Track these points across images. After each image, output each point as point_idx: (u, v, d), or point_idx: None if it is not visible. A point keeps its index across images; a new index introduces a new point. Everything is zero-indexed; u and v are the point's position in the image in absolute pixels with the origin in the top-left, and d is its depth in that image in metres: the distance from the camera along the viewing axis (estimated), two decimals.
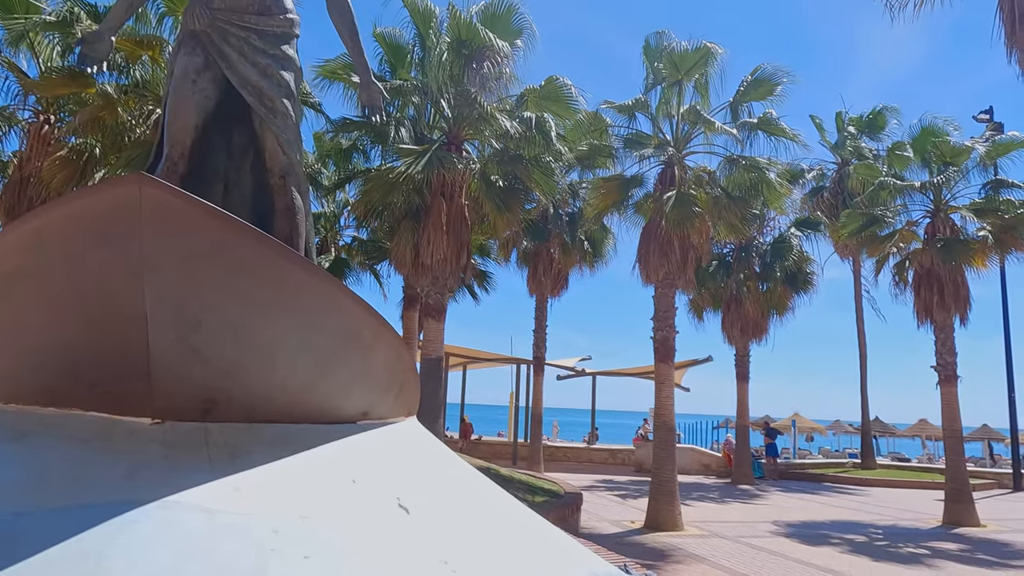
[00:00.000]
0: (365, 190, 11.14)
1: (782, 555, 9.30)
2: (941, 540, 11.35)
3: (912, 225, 14.95)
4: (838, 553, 9.65)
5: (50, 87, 9.19)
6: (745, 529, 11.41)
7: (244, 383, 3.75)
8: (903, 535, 11.68)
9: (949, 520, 13.15)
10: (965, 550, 10.51)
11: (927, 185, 14.18)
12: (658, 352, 11.58)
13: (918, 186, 14.26)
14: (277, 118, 4.39)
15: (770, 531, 11.35)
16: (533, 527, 4.59)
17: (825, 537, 10.95)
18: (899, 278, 15.06)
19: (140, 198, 2.95)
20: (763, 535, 10.89)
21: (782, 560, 9.01)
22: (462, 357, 26.51)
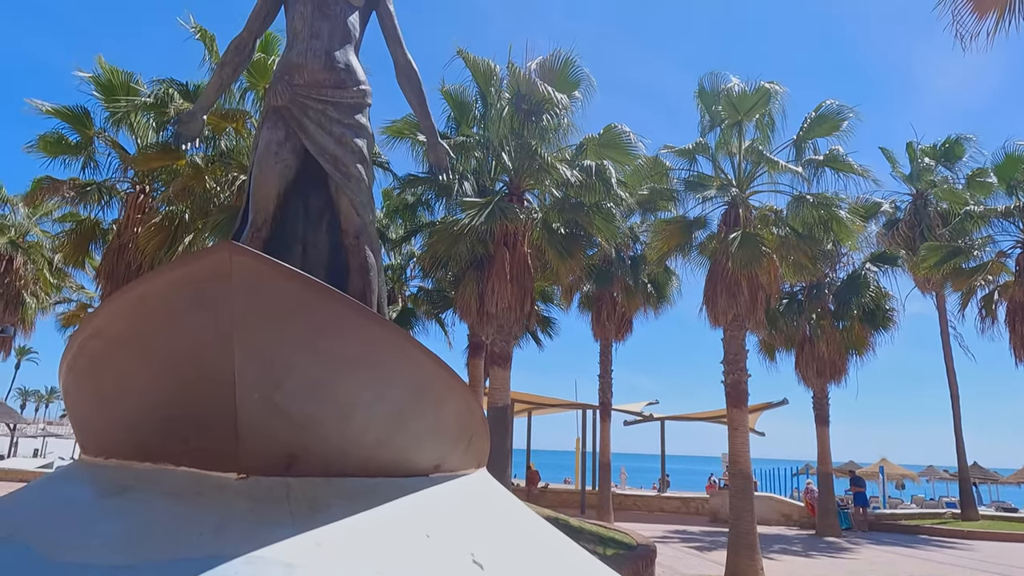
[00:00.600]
0: (431, 242, 11.49)
1: None
2: None
3: (1002, 256, 14.09)
4: None
5: (146, 161, 10.08)
6: None
7: (322, 437, 3.88)
8: None
9: None
10: None
11: (1012, 210, 13.40)
12: (730, 397, 11.23)
13: (1001, 211, 13.48)
14: (351, 182, 4.64)
15: None
16: None
17: None
18: (987, 313, 14.14)
19: (231, 265, 3.17)
20: None
21: None
22: (527, 403, 26.36)
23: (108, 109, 10.50)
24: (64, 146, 10.78)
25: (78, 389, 3.99)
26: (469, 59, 11.62)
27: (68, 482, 4.05)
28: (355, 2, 4.72)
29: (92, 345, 3.66)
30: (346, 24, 4.67)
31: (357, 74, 4.66)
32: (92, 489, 3.74)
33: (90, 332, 3.65)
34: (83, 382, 3.90)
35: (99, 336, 3.61)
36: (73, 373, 3.90)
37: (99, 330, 3.61)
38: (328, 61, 4.53)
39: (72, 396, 4.12)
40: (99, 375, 3.75)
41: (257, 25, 4.87)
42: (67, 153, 10.79)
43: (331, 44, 4.58)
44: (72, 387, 4.03)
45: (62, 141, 10.76)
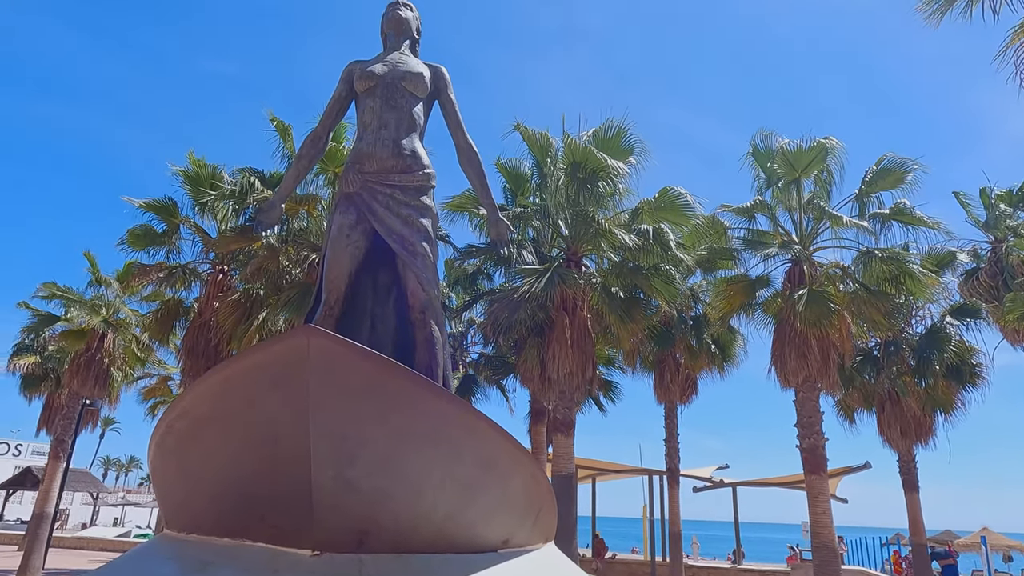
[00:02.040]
0: (491, 310, 11.66)
1: None
2: None
3: None
4: None
5: (226, 244, 10.85)
6: None
7: (393, 513, 3.93)
8: None
9: None
10: None
11: None
12: (807, 462, 10.65)
13: None
14: (417, 260, 4.85)
15: None
16: None
17: None
18: None
19: (308, 347, 3.35)
20: None
21: None
22: (591, 469, 25.65)
23: (195, 200, 11.46)
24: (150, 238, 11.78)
25: (164, 466, 4.20)
26: (525, 132, 12.07)
27: (153, 558, 4.21)
28: (419, 93, 5.04)
29: (179, 425, 3.88)
30: (411, 114, 4.98)
31: (422, 159, 4.94)
32: (176, 565, 3.88)
33: (178, 413, 3.88)
34: (169, 459, 4.11)
35: (185, 416, 3.83)
36: (161, 451, 4.12)
37: (186, 411, 3.83)
38: (395, 149, 4.82)
39: (159, 472, 4.33)
40: (184, 453, 3.95)
41: (331, 120, 5.25)
42: (153, 245, 11.80)
43: (398, 133, 4.88)
44: (159, 464, 4.25)
45: (148, 234, 11.78)
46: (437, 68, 5.28)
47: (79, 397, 17.19)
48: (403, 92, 4.97)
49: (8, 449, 51.61)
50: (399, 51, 5.26)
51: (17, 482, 36.02)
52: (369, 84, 4.95)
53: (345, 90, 5.20)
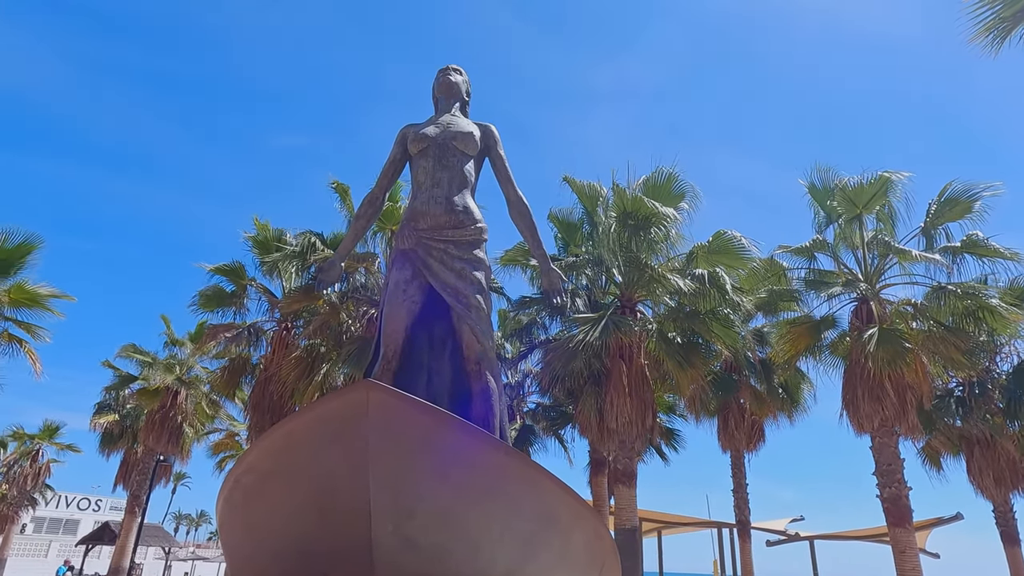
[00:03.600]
0: (547, 360, 11.59)
1: None
2: None
3: None
4: None
5: (290, 304, 11.35)
6: None
7: (452, 570, 3.88)
8: None
9: None
10: None
11: None
12: (889, 513, 9.94)
13: None
14: (472, 312, 4.92)
15: None
16: None
17: None
18: None
19: (367, 401, 3.42)
20: None
21: None
22: (656, 522, 24.67)
23: (261, 261, 12.10)
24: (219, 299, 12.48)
25: (232, 521, 4.30)
26: (574, 183, 12.24)
27: None
28: (470, 152, 5.22)
29: (246, 480, 3.99)
30: (463, 172, 5.15)
31: (474, 214, 5.06)
32: None
33: (245, 467, 3.99)
34: (236, 514, 4.21)
35: (252, 471, 3.94)
36: (229, 505, 4.23)
37: (252, 466, 3.94)
38: (448, 206, 4.97)
39: (226, 526, 4.44)
40: (250, 508, 4.04)
41: (387, 181, 5.48)
42: (222, 306, 12.49)
43: (450, 191, 5.04)
44: (227, 518, 4.36)
45: (218, 295, 12.49)
46: (486, 127, 5.47)
47: (154, 453, 17.90)
48: (454, 151, 5.15)
49: (89, 505, 53.78)
50: (450, 112, 5.49)
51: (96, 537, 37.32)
52: (422, 146, 5.16)
53: (399, 152, 5.43)
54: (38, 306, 12.37)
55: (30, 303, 12.31)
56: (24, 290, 12.26)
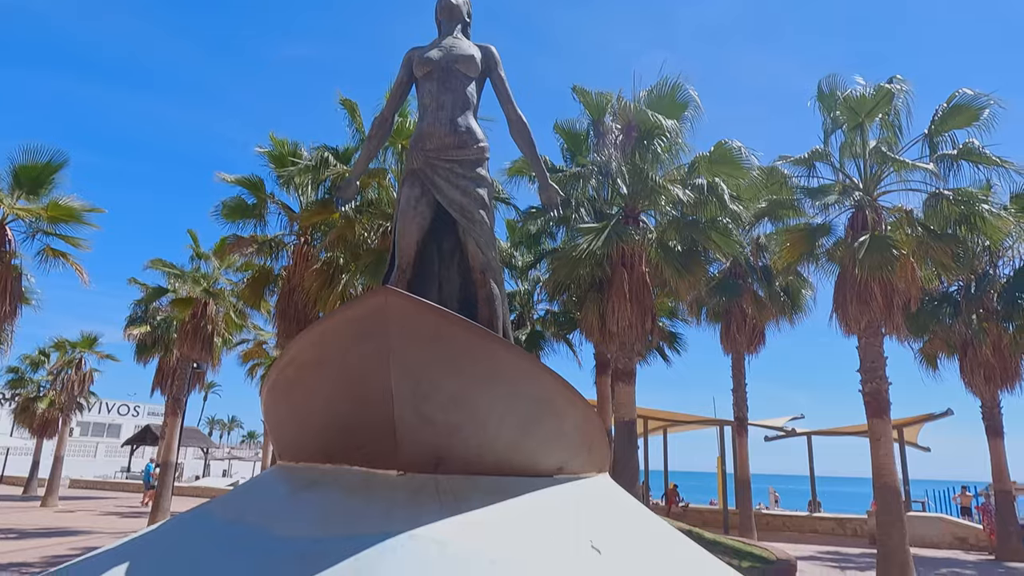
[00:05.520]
0: (553, 268, 12.20)
1: None
2: None
3: None
4: None
5: (308, 217, 11.89)
6: None
7: (463, 442, 4.68)
8: None
9: None
10: None
11: None
12: (869, 407, 10.75)
13: None
14: (476, 226, 5.46)
15: None
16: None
17: None
18: None
19: (387, 304, 4.07)
20: None
21: None
22: (661, 420, 26.15)
23: (278, 175, 12.53)
24: (241, 211, 13.00)
25: (276, 405, 5.08)
26: (585, 94, 12.36)
27: (272, 480, 5.14)
28: (471, 74, 5.58)
29: (288, 371, 4.72)
30: (465, 93, 5.53)
31: (476, 134, 5.49)
32: (290, 485, 4.77)
33: (287, 360, 4.71)
34: (280, 400, 4.98)
35: (293, 363, 4.66)
36: (273, 393, 5.00)
37: (293, 358, 4.66)
38: (452, 127, 5.40)
39: (271, 411, 5.23)
40: (292, 393, 4.80)
41: (395, 103, 5.88)
42: (244, 217, 13.00)
43: (454, 112, 5.45)
44: (271, 404, 5.14)
45: (240, 206, 12.99)
46: (487, 49, 5.79)
47: (188, 360, 19.14)
48: (457, 74, 5.51)
49: (128, 411, 57.20)
50: (452, 35, 5.79)
51: (139, 438, 40.16)
52: (426, 69, 5.52)
53: (406, 76, 5.80)
54: (75, 220, 13.02)
55: (67, 218, 12.97)
56: (60, 206, 12.88)
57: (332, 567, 3.72)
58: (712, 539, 11.46)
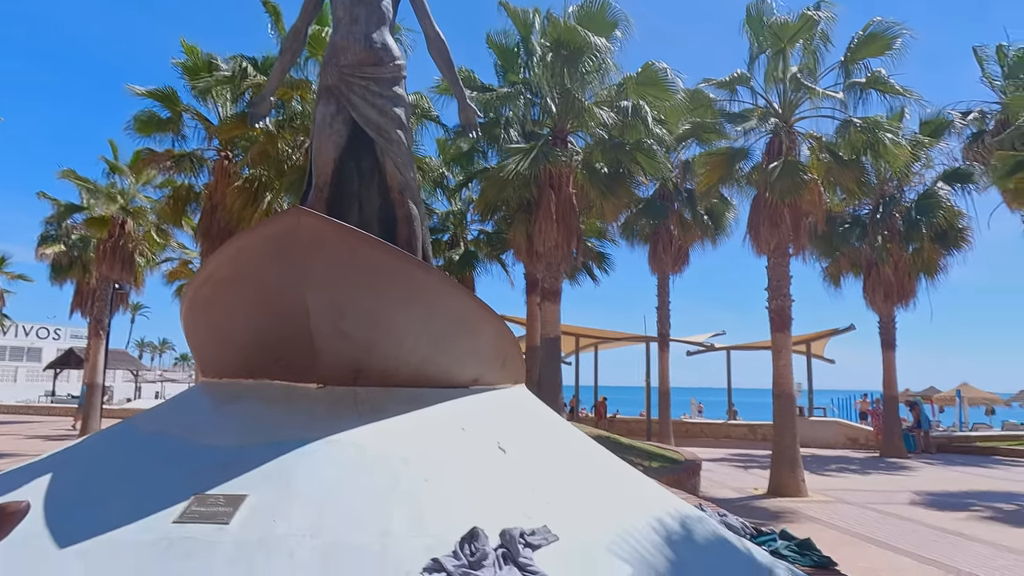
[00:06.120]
0: (482, 188, 12.25)
1: (910, 519, 9.18)
2: None
3: None
4: (974, 519, 9.30)
5: (227, 130, 11.35)
6: (876, 497, 11.21)
7: (380, 356, 4.92)
8: None
9: None
10: None
11: None
12: (774, 322, 11.61)
13: None
14: (393, 146, 5.49)
15: (905, 499, 11.04)
16: (623, 474, 5.39)
17: (966, 504, 10.48)
18: None
19: (299, 225, 4.16)
20: (895, 503, 10.66)
21: (905, 522, 8.91)
22: (593, 338, 27.28)
23: (192, 86, 11.83)
24: (155, 125, 12.25)
25: (196, 322, 5.15)
26: (510, 9, 12.03)
27: (196, 396, 5.29)
28: None
29: (204, 288, 4.79)
30: (380, 8, 5.39)
31: (392, 52, 5.41)
32: (213, 399, 4.94)
33: (203, 277, 4.77)
34: (199, 317, 5.05)
35: (210, 280, 4.73)
36: (192, 311, 5.06)
37: (210, 275, 4.72)
38: (367, 43, 5.29)
39: (191, 328, 5.30)
40: (211, 311, 4.88)
41: (308, 15, 5.69)
42: (159, 130, 12.29)
43: (368, 27, 5.32)
44: (191, 321, 5.21)
45: (153, 120, 12.23)
46: None
47: (108, 281, 18.46)
48: None
49: (48, 334, 54.86)
50: None
51: (63, 362, 38.84)
52: None
53: None
54: None
55: None
56: None
57: (253, 470, 3.97)
58: (628, 444, 12.45)
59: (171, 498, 3.70)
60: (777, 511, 9.59)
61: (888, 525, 8.81)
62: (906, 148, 11.17)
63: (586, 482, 4.74)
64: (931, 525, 8.87)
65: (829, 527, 8.53)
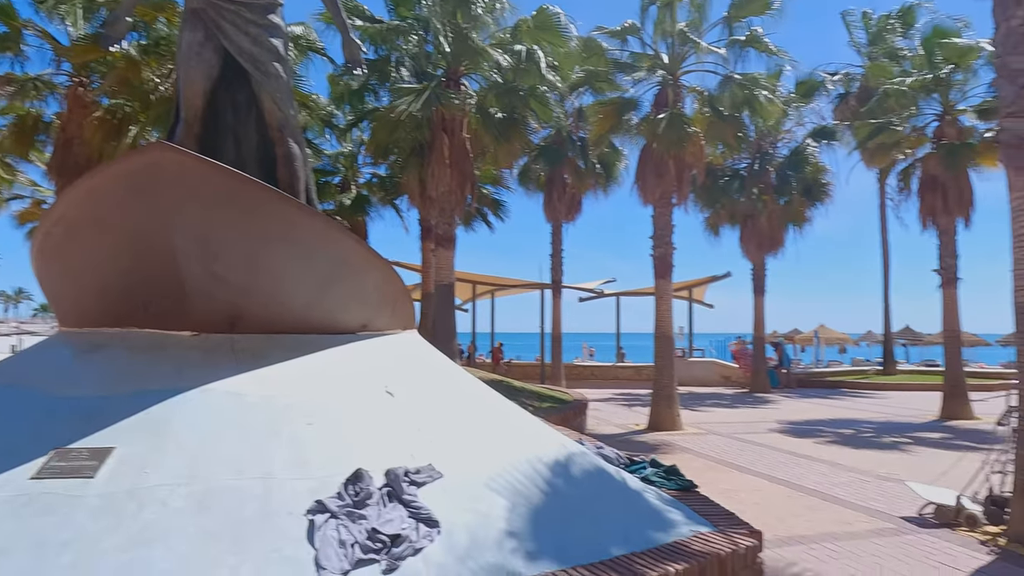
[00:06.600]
0: (373, 129, 11.80)
1: (767, 446, 10.24)
2: (928, 431, 12.14)
3: (919, 131, 14.90)
4: (820, 443, 10.55)
5: (79, 53, 10.03)
6: (742, 428, 12.38)
7: (259, 302, 4.73)
8: (893, 428, 12.48)
9: (945, 415, 13.85)
10: (946, 438, 11.30)
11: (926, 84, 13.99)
12: (657, 269, 12.24)
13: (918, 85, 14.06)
14: (270, 80, 5.14)
15: (766, 429, 12.27)
16: (510, 415, 5.58)
17: (816, 432, 11.83)
18: (905, 185, 15.23)
19: (163, 161, 3.86)
20: (757, 432, 11.83)
21: (763, 448, 9.96)
22: (489, 285, 27.59)
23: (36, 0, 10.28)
24: None
25: (49, 268, 4.71)
26: None
27: (53, 345, 4.87)
28: None
29: (56, 231, 4.36)
30: None
31: None
32: (73, 349, 4.58)
33: (53, 220, 4.34)
34: (52, 262, 4.61)
35: (61, 222, 4.31)
36: (43, 256, 4.61)
37: (61, 217, 4.30)
38: None
39: (44, 275, 4.84)
40: (65, 254, 4.47)
41: None
42: None
43: None
44: (43, 268, 4.75)
45: None
46: None
47: None
48: None
49: None
50: None
51: None
52: None
53: None
54: None
55: None
56: None
57: (121, 422, 3.75)
58: (519, 387, 12.87)
59: (28, 453, 3.45)
60: (655, 443, 10.34)
61: (749, 452, 9.76)
62: (779, 105, 11.91)
63: (472, 423, 4.86)
64: (784, 450, 9.92)
65: (699, 456, 9.33)
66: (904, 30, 23.29)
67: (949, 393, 14.08)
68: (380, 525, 3.27)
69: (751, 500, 6.63)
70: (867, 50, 24.02)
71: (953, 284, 14.28)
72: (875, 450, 10.05)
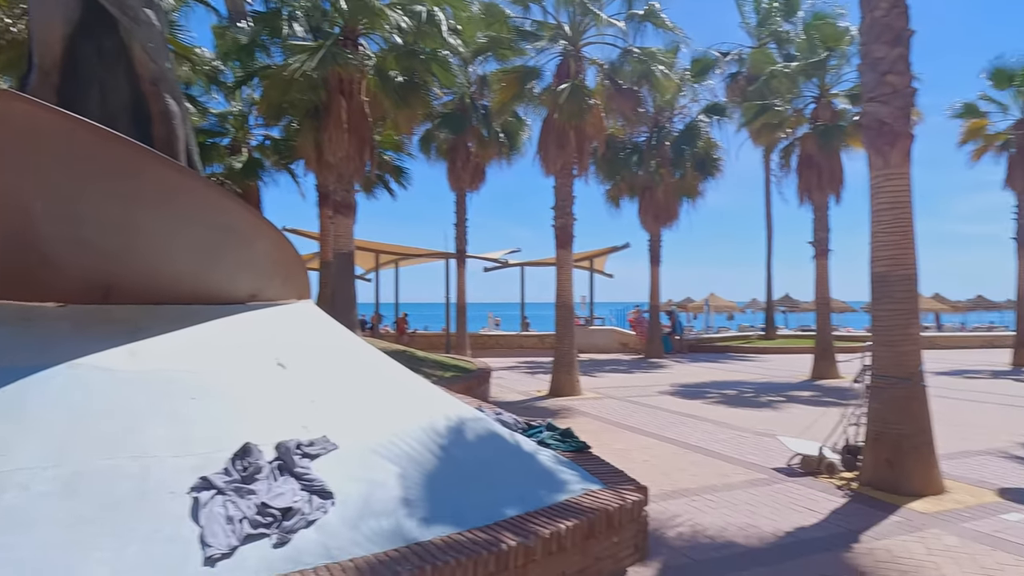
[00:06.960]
0: (264, 88, 11.13)
1: (658, 407, 10.85)
2: (799, 390, 13.29)
3: (799, 112, 15.95)
4: (706, 404, 11.29)
5: None
6: (636, 391, 13.01)
7: (136, 270, 4.41)
8: (771, 388, 13.57)
9: (815, 375, 15.21)
10: (814, 396, 12.42)
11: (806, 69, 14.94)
12: (558, 239, 12.47)
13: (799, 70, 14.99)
14: (141, 28, 4.73)
15: (658, 391, 12.97)
16: (408, 384, 5.53)
17: (703, 393, 12.65)
18: (785, 163, 16.29)
19: (11, 113, 3.46)
20: (650, 395, 12.48)
21: (655, 410, 10.54)
22: (393, 254, 27.10)
23: None
24: None
25: None
26: None
27: None
28: None
29: None
30: None
31: None
32: None
33: None
34: None
35: None
36: None
37: None
38: None
39: None
40: None
41: None
42: None
43: None
44: None
45: None
46: None
47: None
48: None
49: None
50: None
51: None
52: None
53: None
54: None
55: None
56: None
57: None
58: (422, 357, 12.81)
59: None
60: (556, 409, 10.67)
61: (641, 413, 10.28)
62: (675, 80, 12.32)
63: (369, 393, 4.79)
64: (674, 411, 10.53)
65: (596, 419, 9.72)
66: (788, 14, 24.63)
67: (819, 355, 15.42)
68: (270, 499, 3.18)
69: (641, 458, 7.01)
70: (756, 31, 25.26)
71: (825, 256, 15.55)
72: (754, 408, 10.87)
